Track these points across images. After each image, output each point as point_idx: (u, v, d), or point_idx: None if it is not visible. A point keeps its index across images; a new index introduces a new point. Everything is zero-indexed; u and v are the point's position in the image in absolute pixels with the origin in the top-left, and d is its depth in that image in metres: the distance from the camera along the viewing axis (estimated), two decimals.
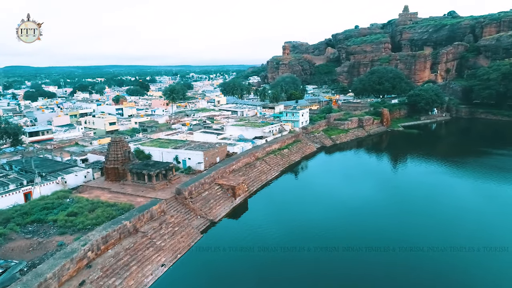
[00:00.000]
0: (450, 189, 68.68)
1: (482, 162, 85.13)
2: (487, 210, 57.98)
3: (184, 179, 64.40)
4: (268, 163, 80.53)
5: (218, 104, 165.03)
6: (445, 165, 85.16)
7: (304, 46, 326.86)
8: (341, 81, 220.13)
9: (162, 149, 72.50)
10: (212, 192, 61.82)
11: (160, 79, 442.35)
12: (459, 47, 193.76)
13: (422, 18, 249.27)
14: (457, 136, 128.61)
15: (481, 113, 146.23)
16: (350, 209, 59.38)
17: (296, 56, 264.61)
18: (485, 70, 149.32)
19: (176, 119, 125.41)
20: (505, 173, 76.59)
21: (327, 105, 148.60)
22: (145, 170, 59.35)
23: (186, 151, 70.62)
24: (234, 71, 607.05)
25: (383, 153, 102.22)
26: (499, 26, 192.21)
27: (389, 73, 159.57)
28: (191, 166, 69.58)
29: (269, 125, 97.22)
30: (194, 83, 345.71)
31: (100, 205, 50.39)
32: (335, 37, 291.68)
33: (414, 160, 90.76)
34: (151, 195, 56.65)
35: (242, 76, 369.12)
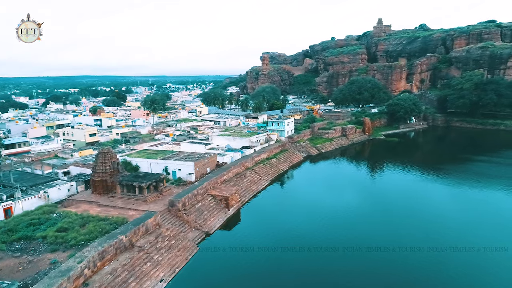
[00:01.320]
0: (435, 195, 70.42)
1: (465, 168, 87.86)
2: (469, 214, 59.87)
3: (175, 190, 62.79)
4: (257, 173, 79.93)
5: (200, 114, 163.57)
6: (430, 172, 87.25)
7: (282, 57, 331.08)
8: (320, 91, 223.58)
9: (151, 160, 70.60)
10: (205, 203, 60.48)
11: (136, 90, 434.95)
12: (432, 58, 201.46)
13: (396, 31, 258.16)
14: (436, 144, 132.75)
15: (456, 121, 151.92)
16: (338, 216, 60.04)
17: (275, 67, 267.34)
18: (459, 81, 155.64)
19: (159, 129, 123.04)
20: (487, 179, 79.21)
21: (309, 115, 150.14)
22: (135, 182, 57.41)
23: (176, 161, 69.06)
24: (211, 81, 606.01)
25: (367, 161, 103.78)
26: (468, 39, 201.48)
27: (368, 83, 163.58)
28: (181, 177, 68.02)
29: (256, 134, 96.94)
30: (172, 94, 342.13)
31: (91, 220, 48.16)
32: (313, 48, 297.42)
33: (398, 168, 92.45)
34: (143, 208, 54.76)
35: (220, 86, 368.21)
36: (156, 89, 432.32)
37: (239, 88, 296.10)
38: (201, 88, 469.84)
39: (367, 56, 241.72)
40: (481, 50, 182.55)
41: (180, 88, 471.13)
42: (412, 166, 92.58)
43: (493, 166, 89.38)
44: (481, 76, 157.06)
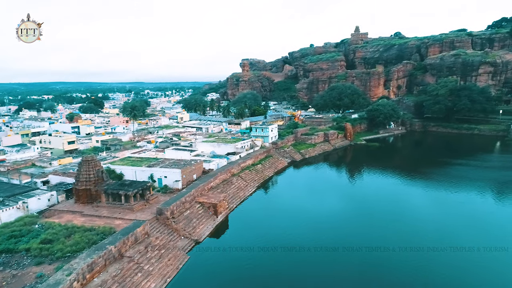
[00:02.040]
0: (418, 198, 72.10)
1: (445, 172, 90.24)
2: (451, 215, 61.59)
3: (162, 198, 61.54)
4: (244, 179, 79.52)
5: (181, 120, 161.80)
6: (412, 176, 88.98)
7: (262, 64, 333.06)
8: (301, 97, 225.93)
9: (136, 168, 69.02)
10: (194, 211, 59.54)
11: (113, 96, 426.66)
12: (407, 65, 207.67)
13: (372, 38, 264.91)
14: (415, 148, 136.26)
15: (433, 126, 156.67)
16: (324, 220, 60.70)
17: (255, 73, 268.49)
18: (434, 87, 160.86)
19: (140, 136, 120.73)
20: (468, 181, 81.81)
21: (291, 121, 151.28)
22: (121, 190, 55.88)
23: (162, 169, 67.80)
24: (189, 88, 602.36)
25: (350, 166, 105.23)
26: (442, 47, 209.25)
27: (348, 89, 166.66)
28: (167, 185, 66.80)
29: (241, 141, 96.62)
30: (150, 100, 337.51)
31: (77, 230, 46.49)
32: (292, 55, 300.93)
33: (380, 172, 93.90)
34: (129, 216, 53.29)
35: (199, 93, 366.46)
36: (134, 95, 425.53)
37: (219, 95, 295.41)
38: (180, 94, 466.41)
39: (346, 63, 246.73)
40: (454, 58, 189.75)
41: (159, 94, 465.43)
42: (394, 171, 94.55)
43: (472, 169, 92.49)
44: (455, 82, 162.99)
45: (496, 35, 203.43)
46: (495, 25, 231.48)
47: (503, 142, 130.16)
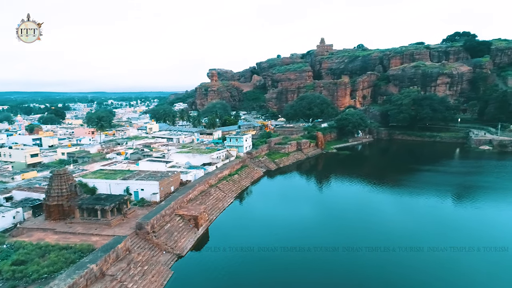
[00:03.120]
0: (389, 203, 74.43)
1: (415, 178, 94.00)
2: (421, 218, 64.02)
3: (140, 212, 59.22)
4: (222, 190, 78.43)
5: (150, 131, 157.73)
6: (384, 182, 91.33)
7: (229, 74, 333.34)
8: (270, 107, 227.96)
9: (110, 181, 66.07)
10: (174, 224, 57.73)
11: (74, 106, 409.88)
12: (372, 76, 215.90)
13: (337, 50, 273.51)
14: (384, 156, 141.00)
15: (398, 134, 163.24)
16: (303, 227, 61.84)
17: (224, 83, 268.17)
18: (398, 97, 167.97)
19: (109, 148, 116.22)
20: (436, 187, 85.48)
21: (262, 130, 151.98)
22: (98, 205, 53.18)
23: (138, 181, 65.38)
24: (154, 97, 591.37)
25: (323, 174, 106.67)
26: (402, 58, 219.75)
27: (317, 99, 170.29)
28: (144, 198, 64.44)
29: (216, 151, 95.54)
30: (115, 110, 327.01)
31: (51, 249, 43.54)
32: (260, 65, 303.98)
33: (353, 179, 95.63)
34: (107, 232, 50.69)
35: (166, 103, 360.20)
36: (97, 105, 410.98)
37: (187, 105, 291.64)
38: (145, 104, 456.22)
39: (313, 74, 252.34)
40: (414, 69, 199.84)
41: (123, 104, 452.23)
42: (366, 178, 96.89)
43: (439, 175, 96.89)
44: (418, 92, 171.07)
45: (451, 48, 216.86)
46: (449, 39, 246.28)
47: (462, 148, 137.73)
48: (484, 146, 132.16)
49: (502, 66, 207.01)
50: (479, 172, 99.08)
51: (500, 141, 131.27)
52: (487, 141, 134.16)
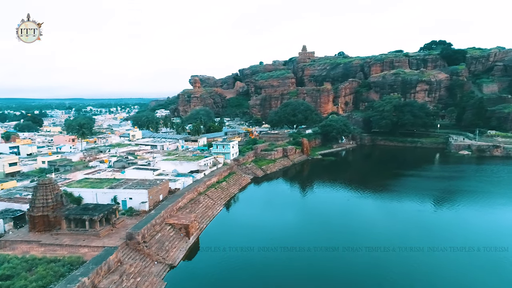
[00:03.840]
0: (376, 208, 75.33)
1: (401, 183, 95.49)
2: (407, 222, 65.06)
3: (129, 222, 57.66)
4: (211, 198, 77.49)
5: (133, 138, 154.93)
6: (370, 187, 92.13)
7: (212, 80, 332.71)
8: (254, 114, 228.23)
9: (96, 190, 64.19)
10: (165, 233, 56.46)
11: (52, 113, 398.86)
12: (353, 83, 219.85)
13: (319, 57, 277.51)
14: (368, 161, 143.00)
15: (381, 140, 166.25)
16: (293, 235, 61.62)
17: (207, 90, 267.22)
18: (380, 103, 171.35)
19: (91, 156, 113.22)
20: (421, 191, 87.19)
21: (247, 137, 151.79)
22: (86, 215, 51.42)
23: (126, 190, 63.78)
24: (135, 104, 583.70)
25: (310, 180, 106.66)
26: (383, 66, 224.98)
27: (301, 106, 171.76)
28: (133, 207, 62.87)
29: (203, 158, 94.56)
30: (95, 117, 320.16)
31: (39, 262, 41.64)
32: (242, 72, 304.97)
33: (340, 185, 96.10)
34: (96, 243, 49.04)
35: (147, 109, 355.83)
36: (75, 112, 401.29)
37: (169, 111, 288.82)
38: (125, 111, 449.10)
39: (295, 80, 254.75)
40: (394, 76, 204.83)
41: (103, 111, 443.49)
42: (352, 183, 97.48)
43: (424, 180, 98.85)
44: (399, 99, 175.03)
45: (429, 56, 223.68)
46: (426, 47, 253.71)
47: (442, 153, 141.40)
48: (463, 151, 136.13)
49: (477, 74, 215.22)
50: (462, 177, 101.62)
51: (479, 146, 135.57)
52: (466, 146, 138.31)
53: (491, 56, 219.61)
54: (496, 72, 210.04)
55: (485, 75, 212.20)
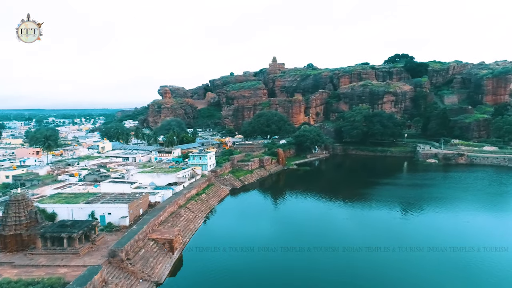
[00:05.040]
0: (356, 215, 76.72)
1: (377, 192, 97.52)
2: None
3: (109, 238, 54.90)
4: (191, 210, 75.60)
5: (103, 150, 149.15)
6: (346, 196, 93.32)
7: (182, 91, 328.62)
8: (227, 124, 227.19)
9: (72, 205, 60.76)
10: (148, 249, 54.17)
11: (9, 125, 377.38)
12: (323, 94, 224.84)
13: (289, 69, 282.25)
14: (342, 170, 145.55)
15: (352, 149, 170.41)
16: (276, 247, 60.82)
17: (178, 100, 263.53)
18: (351, 114, 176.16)
19: (59, 169, 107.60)
20: (398, 199, 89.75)
21: (220, 147, 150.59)
22: (64, 232, 48.41)
23: (105, 205, 60.86)
24: (99, 115, 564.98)
25: (287, 190, 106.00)
26: (351, 77, 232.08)
27: (275, 116, 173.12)
28: (112, 222, 60.01)
29: (181, 170, 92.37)
30: (58, 128, 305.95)
31: (14, 286, 38.66)
32: (213, 82, 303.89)
33: (318, 194, 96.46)
34: (76, 262, 46.20)
35: (114, 120, 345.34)
36: (36, 123, 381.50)
37: (138, 122, 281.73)
38: (90, 122, 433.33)
39: (267, 91, 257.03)
40: (362, 88, 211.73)
41: (66, 122, 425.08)
42: (329, 192, 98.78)
43: (397, 188, 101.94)
44: (368, 109, 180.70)
45: (394, 69, 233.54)
46: (391, 60, 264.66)
47: (411, 162, 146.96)
48: (430, 159, 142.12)
49: (438, 86, 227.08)
50: (433, 185, 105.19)
51: (445, 155, 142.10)
52: (433, 154, 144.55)
53: (450, 69, 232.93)
54: (455, 84, 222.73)
55: (445, 87, 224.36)
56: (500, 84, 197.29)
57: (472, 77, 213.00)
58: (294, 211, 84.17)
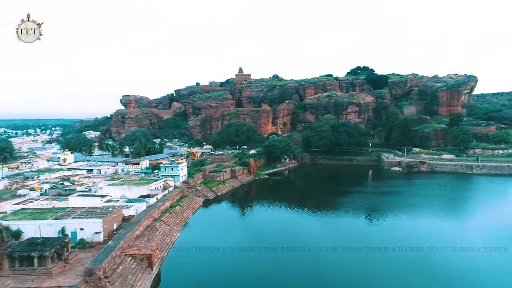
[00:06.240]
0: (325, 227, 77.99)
1: (349, 200, 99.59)
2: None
3: (83, 255, 51.66)
4: (167, 224, 73.13)
5: (64, 162, 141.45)
6: (318, 205, 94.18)
7: (145, 100, 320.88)
8: (194, 135, 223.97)
9: (39, 222, 56.62)
10: (126, 265, 51.51)
11: None
12: (290, 104, 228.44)
13: (255, 79, 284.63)
14: (312, 179, 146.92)
15: (320, 159, 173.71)
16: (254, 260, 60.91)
17: (143, 110, 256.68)
18: (318, 124, 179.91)
19: (19, 183, 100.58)
20: (362, 208, 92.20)
21: (188, 158, 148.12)
22: (35, 251, 44.92)
23: (76, 220, 57.31)
24: (55, 125, 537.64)
25: (260, 200, 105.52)
26: (316, 88, 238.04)
27: (244, 127, 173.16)
28: (84, 238, 56.54)
29: (153, 182, 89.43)
30: (11, 140, 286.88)
31: None
32: (178, 92, 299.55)
33: (289, 204, 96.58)
34: (49, 283, 43.01)
35: (73, 131, 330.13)
36: None
37: (100, 133, 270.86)
38: (45, 133, 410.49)
39: (234, 101, 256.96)
40: (327, 99, 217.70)
41: (19, 133, 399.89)
42: (300, 201, 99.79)
43: (369, 196, 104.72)
44: (335, 120, 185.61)
45: (357, 81, 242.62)
46: (353, 72, 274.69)
47: (377, 170, 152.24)
48: (395, 167, 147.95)
49: (397, 97, 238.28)
50: (402, 192, 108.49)
51: (408, 163, 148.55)
52: (397, 163, 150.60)
53: (408, 81, 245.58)
54: (413, 96, 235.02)
55: (404, 98, 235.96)
56: (454, 96, 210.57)
57: (428, 89, 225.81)
58: (268, 221, 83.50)
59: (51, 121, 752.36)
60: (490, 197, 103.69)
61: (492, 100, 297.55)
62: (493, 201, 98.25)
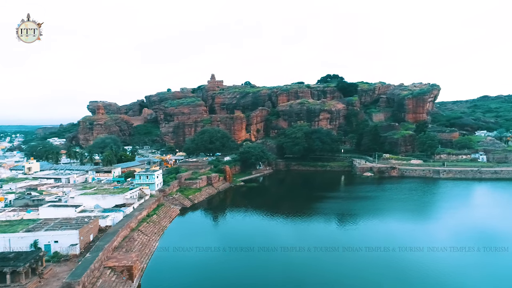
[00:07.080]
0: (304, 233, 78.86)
1: (325, 206, 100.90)
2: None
3: (59, 269, 49.00)
4: (145, 233, 70.91)
5: (29, 171, 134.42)
6: (295, 212, 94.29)
7: (114, 107, 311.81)
8: (167, 141, 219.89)
9: (9, 235, 53.18)
10: (106, 279, 49.34)
11: None
12: (263, 111, 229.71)
13: (228, 86, 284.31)
14: (287, 185, 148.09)
15: (294, 165, 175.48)
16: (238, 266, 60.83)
17: (112, 116, 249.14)
18: (292, 130, 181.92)
19: None
20: (337, 214, 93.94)
21: (161, 165, 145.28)
22: (6, 266, 42.08)
23: (50, 232, 54.37)
24: (15, 132, 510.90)
25: (237, 207, 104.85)
26: (288, 95, 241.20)
27: (218, 133, 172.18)
28: (58, 251, 53.62)
29: (129, 190, 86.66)
30: None
31: None
32: (149, 98, 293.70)
33: (267, 211, 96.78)
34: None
35: (36, 138, 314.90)
36: None
37: (66, 140, 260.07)
38: (5, 140, 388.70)
39: (207, 108, 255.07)
40: (300, 106, 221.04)
41: None
42: (277, 208, 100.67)
43: (344, 201, 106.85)
44: (309, 127, 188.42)
45: (328, 88, 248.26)
46: (323, 80, 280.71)
47: (349, 175, 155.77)
48: (367, 173, 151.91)
49: (367, 105, 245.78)
50: (376, 197, 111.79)
51: (379, 168, 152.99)
52: (369, 168, 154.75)
53: (376, 89, 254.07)
54: (381, 104, 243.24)
55: (373, 106, 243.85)
56: (419, 103, 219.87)
57: (395, 97, 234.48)
58: (245, 228, 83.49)
59: (11, 127, 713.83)
60: (457, 201, 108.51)
61: (453, 107, 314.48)
62: (460, 204, 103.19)
